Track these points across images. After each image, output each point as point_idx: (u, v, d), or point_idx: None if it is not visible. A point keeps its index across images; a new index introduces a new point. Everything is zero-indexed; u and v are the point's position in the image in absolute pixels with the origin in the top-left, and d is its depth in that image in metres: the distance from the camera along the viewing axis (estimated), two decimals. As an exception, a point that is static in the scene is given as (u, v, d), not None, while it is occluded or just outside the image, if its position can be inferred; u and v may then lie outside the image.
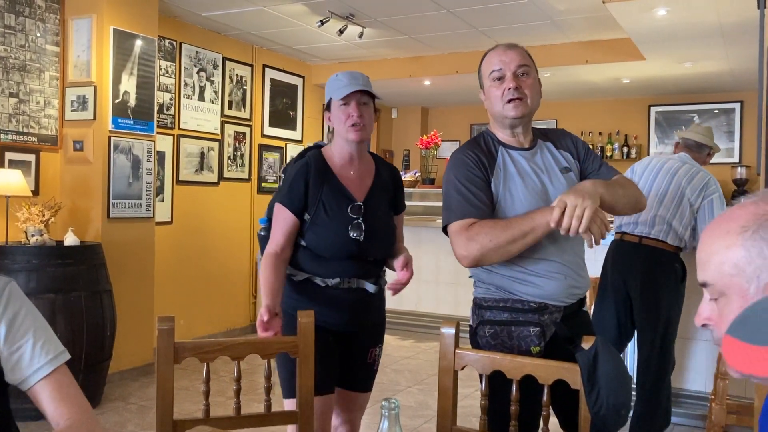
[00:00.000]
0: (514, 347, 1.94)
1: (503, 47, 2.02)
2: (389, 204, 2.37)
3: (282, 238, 2.23)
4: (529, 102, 1.97)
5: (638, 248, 3.56)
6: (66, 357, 1.41)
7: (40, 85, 4.58)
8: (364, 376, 2.39)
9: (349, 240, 2.20)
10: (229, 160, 6.34)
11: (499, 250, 1.86)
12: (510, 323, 1.96)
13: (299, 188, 2.22)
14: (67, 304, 3.98)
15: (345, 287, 2.24)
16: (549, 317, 1.96)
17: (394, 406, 1.11)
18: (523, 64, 1.98)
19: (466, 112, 9.10)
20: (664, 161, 3.68)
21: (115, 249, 4.65)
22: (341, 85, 2.25)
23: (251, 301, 6.62)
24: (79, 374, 4.00)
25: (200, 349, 1.84)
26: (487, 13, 5.36)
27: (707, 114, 7.83)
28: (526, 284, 1.95)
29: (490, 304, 2.01)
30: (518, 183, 1.97)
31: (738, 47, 5.43)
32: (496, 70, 1.99)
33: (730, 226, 0.95)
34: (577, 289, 2.02)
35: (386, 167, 2.41)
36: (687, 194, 3.51)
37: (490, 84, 2.01)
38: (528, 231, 1.84)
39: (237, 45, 6.41)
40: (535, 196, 1.96)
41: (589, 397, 1.63)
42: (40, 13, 4.58)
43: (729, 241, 0.94)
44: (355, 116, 2.22)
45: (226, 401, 4.18)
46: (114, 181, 4.69)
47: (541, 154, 2.05)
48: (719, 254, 0.95)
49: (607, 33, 5.80)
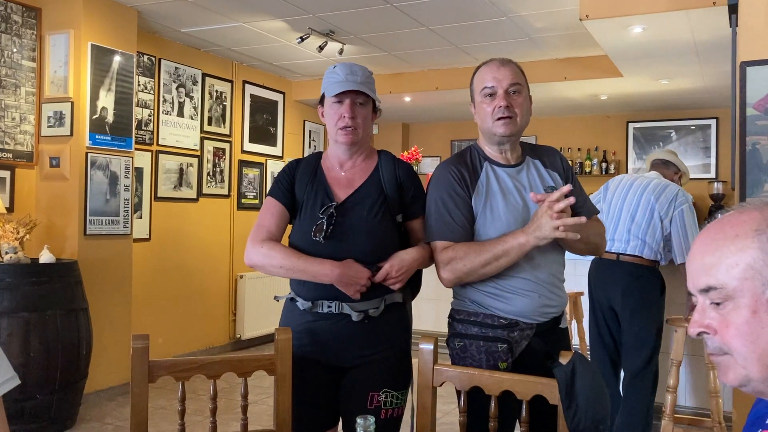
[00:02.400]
0: (482, 361, 1.93)
1: (497, 63, 2.01)
2: (388, 207, 2.04)
3: (271, 222, 2.04)
4: (518, 120, 1.98)
5: (617, 265, 3.65)
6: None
7: (15, 100, 4.53)
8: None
9: (312, 243, 1.96)
10: (208, 176, 6.30)
11: (473, 273, 1.92)
12: (479, 338, 1.96)
13: (285, 181, 2.08)
14: (42, 323, 3.91)
15: (324, 311, 1.98)
16: (519, 334, 1.95)
17: (369, 423, 1.10)
18: (515, 82, 1.98)
19: (447, 128, 9.14)
20: (634, 179, 3.82)
21: (92, 266, 4.59)
22: (336, 79, 2.03)
23: (230, 318, 6.56)
24: (53, 394, 3.93)
25: (176, 367, 1.81)
26: (466, 30, 5.40)
27: (684, 130, 7.94)
28: (498, 299, 1.96)
29: (462, 317, 2.02)
30: (499, 200, 1.97)
31: (712, 65, 5.52)
32: (488, 87, 1.99)
33: (740, 230, 0.94)
34: (550, 308, 2.01)
35: (390, 166, 2.09)
36: (656, 209, 3.62)
37: (481, 99, 2.02)
38: (501, 254, 1.88)
39: (217, 61, 6.40)
40: (515, 213, 1.96)
41: (568, 412, 1.62)
42: (17, 29, 4.54)
43: (742, 243, 0.93)
44: (347, 118, 2.00)
45: (203, 420, 4.13)
46: (91, 197, 4.64)
47: (527, 171, 2.05)
48: (731, 257, 0.94)
49: (584, 50, 5.87)
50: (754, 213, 0.96)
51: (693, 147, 7.88)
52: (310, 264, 1.94)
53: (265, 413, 4.34)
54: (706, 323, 0.98)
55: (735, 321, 0.93)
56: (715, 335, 0.96)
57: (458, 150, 9.14)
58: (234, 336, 6.56)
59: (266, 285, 6.57)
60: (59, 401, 3.97)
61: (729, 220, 0.97)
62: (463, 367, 1.88)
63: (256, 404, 4.44)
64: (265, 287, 6.57)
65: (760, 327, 0.92)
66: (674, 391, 3.37)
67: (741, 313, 0.93)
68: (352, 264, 1.94)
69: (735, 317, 0.93)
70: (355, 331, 1.98)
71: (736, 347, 0.94)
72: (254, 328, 6.60)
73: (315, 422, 2.04)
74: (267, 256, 1.99)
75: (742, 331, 0.93)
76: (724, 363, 0.97)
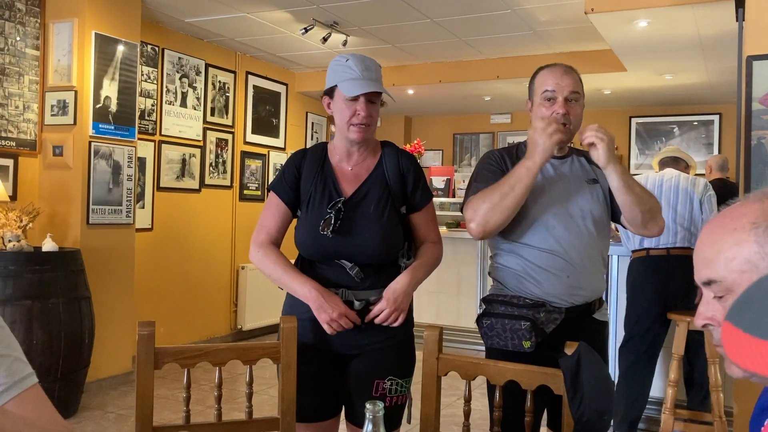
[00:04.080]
0: (507, 339, 1.99)
1: (561, 71, 2.09)
2: (393, 200, 2.04)
3: (272, 223, 2.08)
4: (571, 128, 2.08)
5: (669, 260, 3.67)
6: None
7: (19, 89, 4.52)
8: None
9: (319, 237, 1.98)
10: (210, 166, 6.30)
11: (495, 208, 1.97)
12: (504, 316, 2.02)
13: (291, 175, 2.07)
14: (45, 311, 3.91)
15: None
16: (546, 315, 1.99)
17: (378, 409, 1.11)
18: (575, 90, 2.07)
19: (450, 121, 9.13)
20: (661, 177, 3.88)
21: (95, 255, 4.59)
22: (351, 76, 1.98)
23: (232, 309, 6.57)
24: (55, 382, 3.94)
25: (181, 354, 1.81)
26: (471, 23, 5.39)
27: (687, 126, 7.93)
28: (528, 280, 2.04)
29: (491, 298, 2.10)
30: (539, 185, 2.05)
31: (717, 60, 5.52)
32: (549, 91, 2.07)
33: (738, 223, 0.95)
34: (580, 290, 2.04)
35: (393, 158, 2.09)
36: (695, 198, 3.73)
37: (540, 101, 2.09)
38: (513, 182, 1.96)
39: (220, 51, 6.39)
40: (554, 198, 2.05)
41: (572, 403, 1.63)
42: (21, 17, 4.53)
43: (739, 237, 0.93)
44: (362, 115, 1.98)
45: (205, 410, 4.14)
46: (94, 186, 4.64)
47: (571, 164, 2.15)
48: (729, 251, 0.94)
49: (589, 44, 5.86)
50: (754, 205, 0.95)
51: (696, 142, 7.88)
52: (292, 281, 2.02)
53: (266, 403, 4.35)
54: (710, 315, 0.99)
55: None
56: (719, 327, 0.96)
57: (460, 143, 9.15)
58: (235, 327, 6.57)
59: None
60: (61, 389, 3.99)
61: (729, 213, 0.98)
62: (468, 356, 1.89)
63: (257, 394, 4.44)
64: (267, 278, 6.56)
65: None
66: (675, 386, 3.38)
67: None
68: (332, 296, 1.97)
69: None
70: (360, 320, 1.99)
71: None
72: (255, 319, 6.61)
73: (319, 410, 2.05)
74: (260, 262, 2.11)
75: None
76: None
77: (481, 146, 8.99)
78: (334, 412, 2.09)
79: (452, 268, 6.27)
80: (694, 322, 1.02)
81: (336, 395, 2.07)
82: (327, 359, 2.04)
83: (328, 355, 2.04)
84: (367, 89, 1.96)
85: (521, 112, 8.48)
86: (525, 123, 9.46)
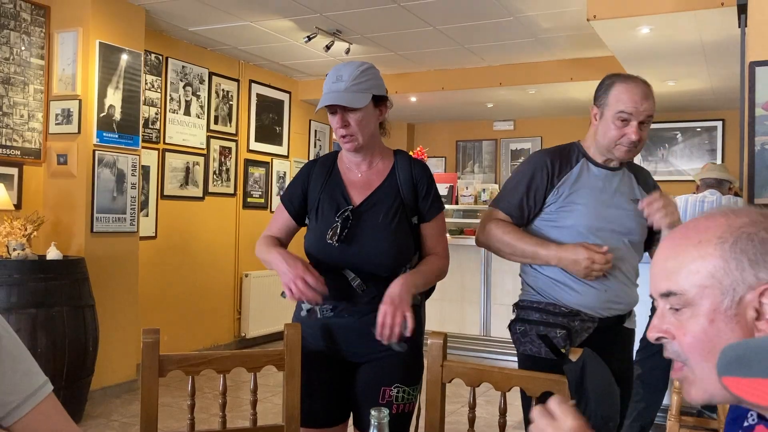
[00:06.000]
0: (541, 346, 2.02)
1: (641, 94, 2.03)
2: (404, 210, 2.01)
3: (276, 231, 2.11)
4: (638, 149, 2.08)
5: None
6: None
7: (24, 98, 4.55)
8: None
9: (326, 245, 1.97)
10: (214, 174, 6.31)
11: (498, 250, 2.13)
12: (539, 323, 2.05)
13: (298, 185, 2.09)
14: (49, 319, 3.92)
15: (327, 315, 2.02)
16: (580, 324, 2.02)
17: (384, 416, 1.11)
18: (650, 115, 2.05)
19: (452, 128, 9.14)
20: (702, 199, 3.90)
21: (99, 263, 4.60)
22: (324, 89, 1.98)
23: (236, 316, 6.57)
24: (60, 390, 3.94)
25: (186, 361, 1.81)
26: (473, 30, 5.41)
27: (690, 132, 7.92)
28: (564, 289, 2.06)
29: (525, 304, 2.13)
30: (584, 193, 2.07)
31: (719, 66, 5.51)
32: (626, 112, 2.02)
33: (703, 236, 0.93)
34: (616, 305, 2.07)
35: (407, 167, 2.05)
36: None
37: (613, 118, 2.05)
38: (529, 255, 2.06)
39: (224, 60, 6.41)
40: (597, 208, 2.07)
41: (577, 409, 1.62)
42: (26, 26, 4.56)
43: (704, 250, 0.92)
44: (337, 128, 1.98)
45: (210, 418, 4.14)
46: (98, 195, 4.65)
47: (621, 178, 2.15)
48: (693, 263, 0.92)
49: (591, 51, 5.86)
50: (720, 219, 0.94)
51: (698, 149, 7.87)
52: (268, 253, 2.03)
53: (269, 411, 4.34)
54: (664, 328, 0.96)
55: (692, 329, 0.92)
56: (674, 340, 0.95)
57: (463, 150, 9.16)
58: (239, 334, 6.57)
59: (271, 283, 6.57)
60: (65, 397, 3.98)
61: (695, 226, 0.96)
62: (474, 364, 1.89)
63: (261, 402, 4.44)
64: (271, 286, 6.58)
65: (716, 337, 0.90)
66: (680, 392, 3.36)
67: (698, 321, 0.91)
68: (295, 260, 1.92)
69: (692, 325, 0.92)
70: (368, 327, 1.96)
71: (692, 357, 0.93)
72: (259, 327, 6.61)
73: (327, 417, 2.05)
74: (257, 251, 2.12)
75: (698, 339, 0.92)
76: (687, 380, 0.95)
77: (484, 153, 8.99)
78: (343, 419, 2.10)
79: (456, 275, 6.26)
80: (647, 335, 1.00)
81: (345, 402, 2.07)
82: (336, 366, 2.05)
83: (337, 362, 2.04)
84: (329, 102, 1.93)
85: (524, 119, 8.48)
86: (528, 130, 9.49)
